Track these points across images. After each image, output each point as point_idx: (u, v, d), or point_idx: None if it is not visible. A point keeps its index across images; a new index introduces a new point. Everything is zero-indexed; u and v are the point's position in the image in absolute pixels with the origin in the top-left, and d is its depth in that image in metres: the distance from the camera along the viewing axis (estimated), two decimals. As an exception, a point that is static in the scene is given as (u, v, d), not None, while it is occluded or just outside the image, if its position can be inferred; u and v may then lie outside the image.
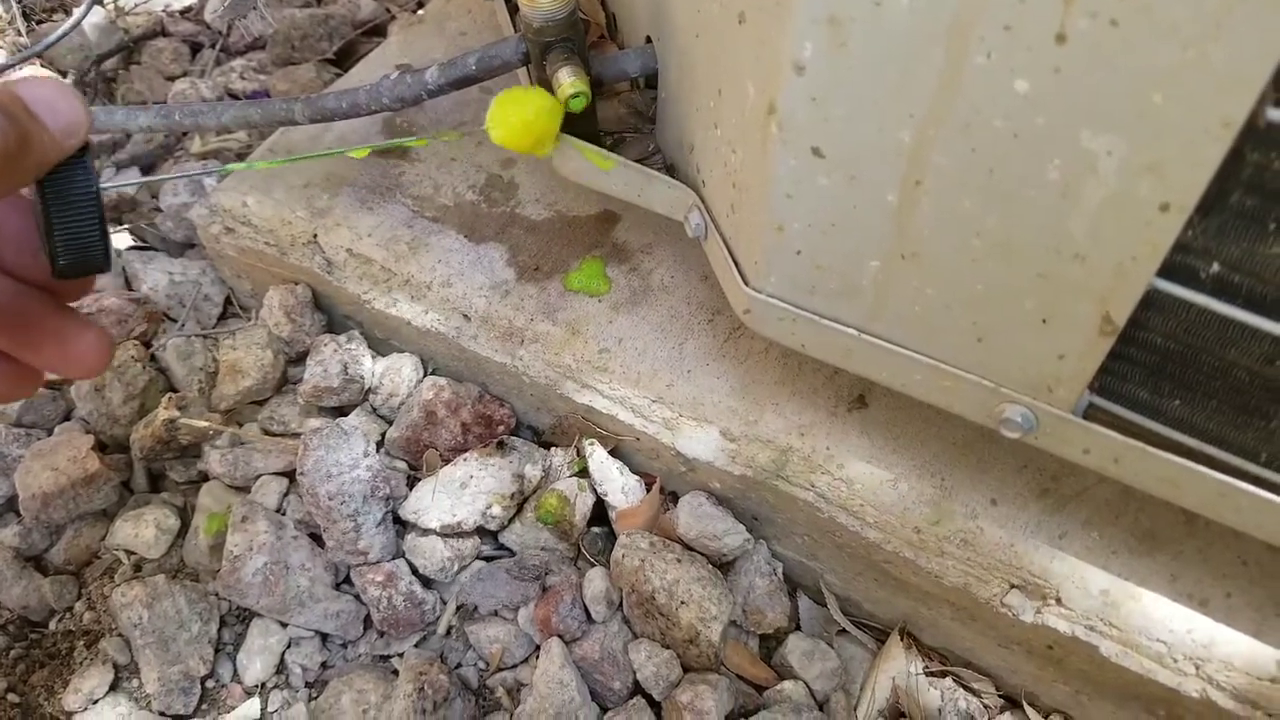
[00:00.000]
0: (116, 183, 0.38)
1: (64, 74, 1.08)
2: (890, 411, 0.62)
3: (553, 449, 0.69)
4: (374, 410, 0.71)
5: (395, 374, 0.71)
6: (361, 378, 0.70)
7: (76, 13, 0.62)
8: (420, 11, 0.89)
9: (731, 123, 0.49)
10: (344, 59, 1.03)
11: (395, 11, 1.08)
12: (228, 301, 0.81)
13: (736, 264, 0.53)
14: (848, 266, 0.48)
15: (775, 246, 0.49)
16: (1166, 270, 0.39)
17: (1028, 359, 0.46)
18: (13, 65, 0.66)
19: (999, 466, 0.59)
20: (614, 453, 0.67)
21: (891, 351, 0.50)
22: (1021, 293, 0.43)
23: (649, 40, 0.63)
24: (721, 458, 0.61)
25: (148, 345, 0.76)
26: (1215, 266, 0.38)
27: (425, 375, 0.72)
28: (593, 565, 0.66)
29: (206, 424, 0.68)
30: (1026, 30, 0.34)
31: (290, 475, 0.69)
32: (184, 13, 1.17)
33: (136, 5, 1.17)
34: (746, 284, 0.53)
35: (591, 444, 0.66)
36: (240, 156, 0.94)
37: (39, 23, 1.13)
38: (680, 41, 0.55)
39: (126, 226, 0.89)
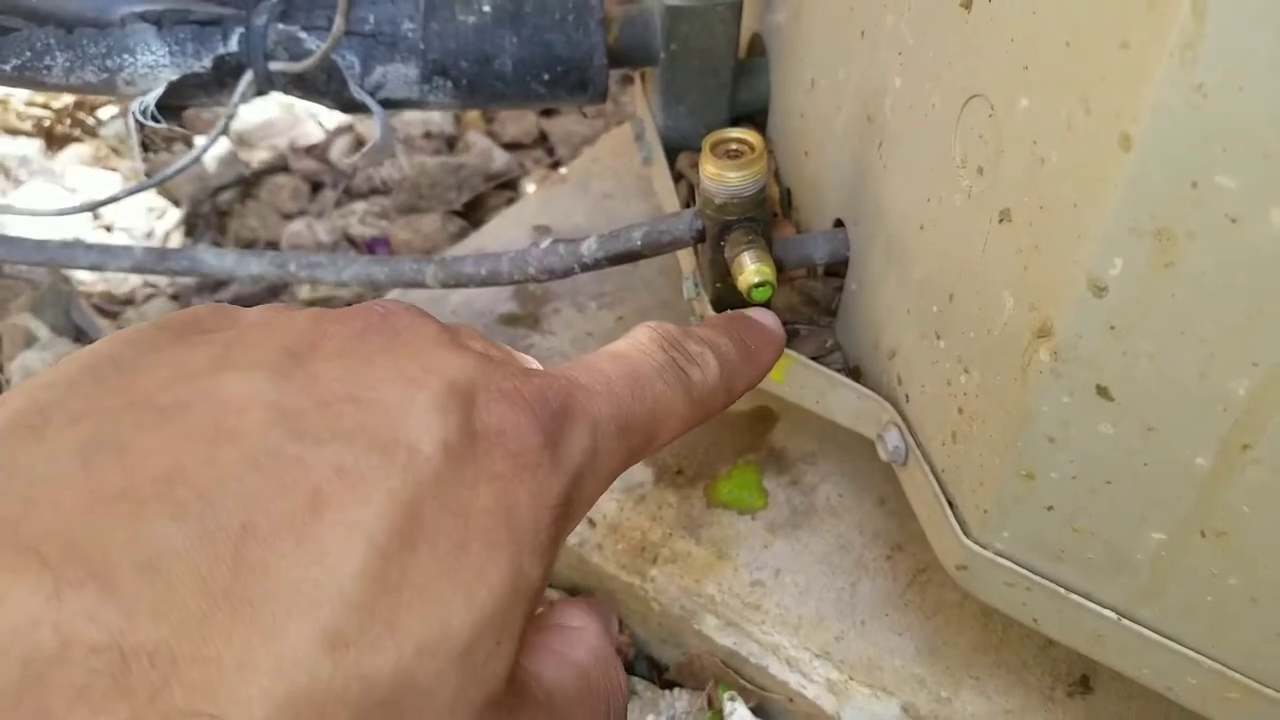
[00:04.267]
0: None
1: (178, 203, 1.08)
2: (1121, 702, 0.51)
3: (676, 690, 0.59)
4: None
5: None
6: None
7: (199, 143, 0.59)
8: (563, 170, 0.86)
9: (968, 336, 0.42)
10: (471, 211, 1.00)
11: (529, 166, 1.06)
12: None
13: (953, 507, 0.45)
14: (1119, 535, 0.38)
15: (1018, 497, 0.40)
16: None
17: (1377, 689, 0.35)
18: (130, 193, 0.63)
19: (1272, 795, 0.47)
20: (758, 711, 0.56)
21: (1161, 646, 0.40)
22: (1385, 605, 0.33)
23: (839, 223, 0.57)
24: (902, 741, 0.50)
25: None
26: None
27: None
28: None
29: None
30: None
31: None
32: (309, 150, 1.17)
33: (262, 139, 1.18)
34: (967, 535, 0.44)
35: (732, 697, 0.56)
36: (349, 303, 0.90)
37: (156, 152, 1.14)
38: (893, 231, 0.49)
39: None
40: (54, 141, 1.16)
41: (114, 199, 0.61)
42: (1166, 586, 0.39)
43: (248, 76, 0.57)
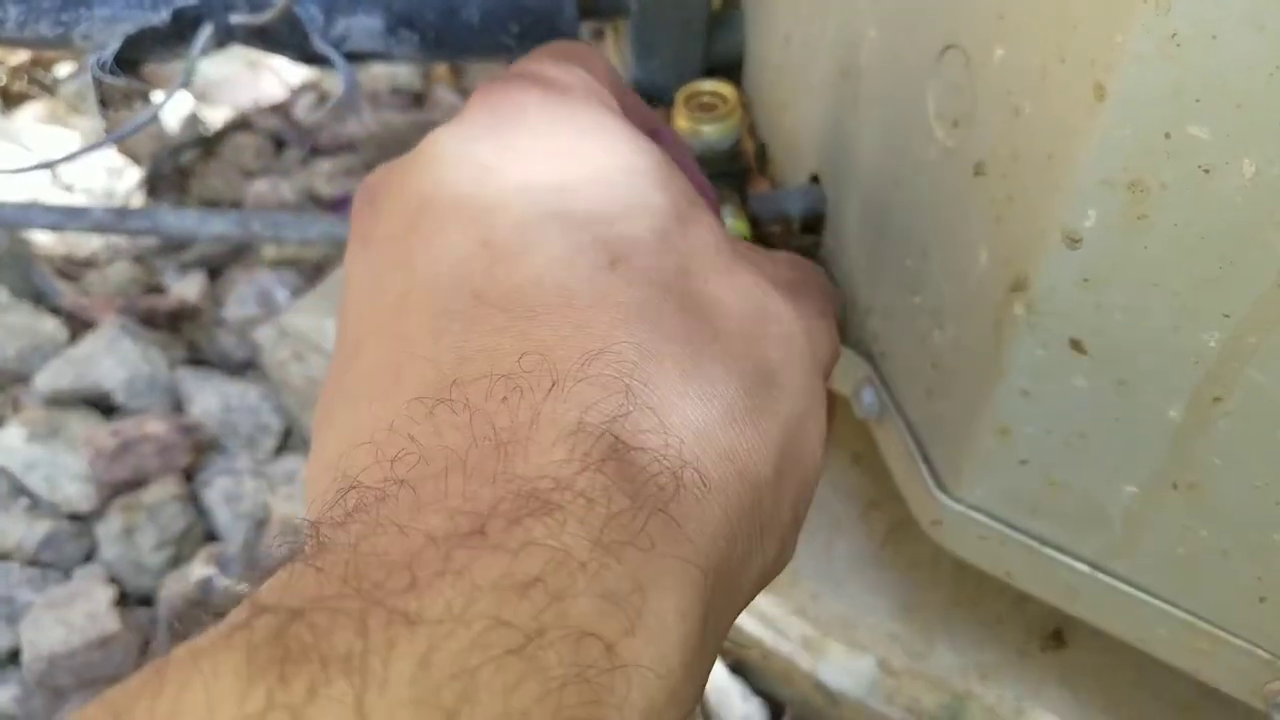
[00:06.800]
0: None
1: (138, 162, 1.06)
2: (1095, 655, 0.52)
3: (653, 649, 0.60)
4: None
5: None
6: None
7: (156, 100, 0.58)
8: (534, 125, 0.85)
9: (942, 292, 0.42)
10: (440, 168, 0.99)
11: (500, 121, 1.05)
12: (288, 434, 0.75)
13: (928, 463, 0.45)
14: (1093, 488, 0.39)
15: (993, 452, 0.41)
16: None
17: (1340, 636, 0.36)
18: (88, 151, 0.62)
19: (1239, 741, 0.49)
20: (735, 668, 0.57)
21: (1133, 598, 0.41)
22: (1350, 554, 0.34)
23: (815, 179, 0.57)
24: (876, 696, 0.51)
25: (190, 479, 0.70)
26: None
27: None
28: (698, 810, 0.56)
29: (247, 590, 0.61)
30: None
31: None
32: (273, 107, 1.16)
33: (224, 97, 1.16)
34: (942, 490, 0.44)
35: (708, 656, 0.57)
36: (319, 269, 0.89)
37: (115, 110, 1.12)
38: (868, 187, 0.49)
39: (185, 340, 0.84)
40: (10, 100, 1.13)
41: (72, 157, 0.60)
42: (1139, 539, 0.40)
43: (207, 29, 0.56)
